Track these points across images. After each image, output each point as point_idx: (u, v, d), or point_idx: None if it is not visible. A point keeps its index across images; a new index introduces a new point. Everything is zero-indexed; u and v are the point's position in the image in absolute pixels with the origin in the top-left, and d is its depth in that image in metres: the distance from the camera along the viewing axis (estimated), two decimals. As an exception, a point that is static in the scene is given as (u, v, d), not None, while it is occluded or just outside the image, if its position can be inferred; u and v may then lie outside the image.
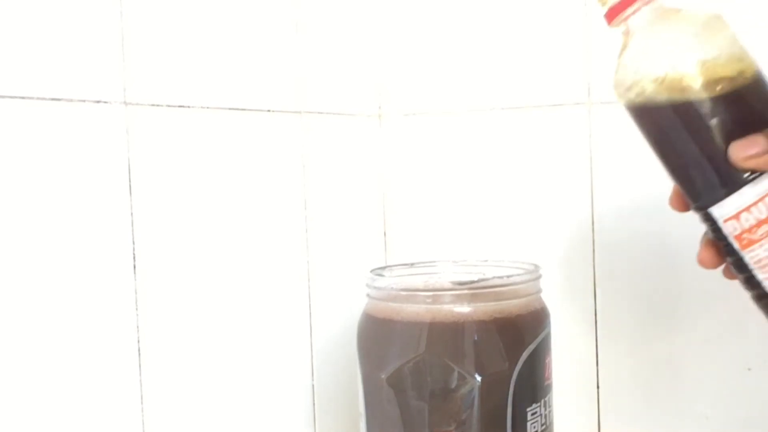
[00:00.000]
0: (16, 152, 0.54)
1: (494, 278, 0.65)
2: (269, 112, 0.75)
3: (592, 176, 0.82)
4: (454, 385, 0.62)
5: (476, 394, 0.62)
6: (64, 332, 0.57)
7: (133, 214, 0.62)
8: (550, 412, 0.66)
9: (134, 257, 0.62)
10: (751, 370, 0.77)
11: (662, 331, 0.81)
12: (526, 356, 0.63)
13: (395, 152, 0.91)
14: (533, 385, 0.64)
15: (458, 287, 0.64)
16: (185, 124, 0.67)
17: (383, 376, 0.64)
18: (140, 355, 0.63)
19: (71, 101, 0.58)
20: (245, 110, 0.73)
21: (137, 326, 0.63)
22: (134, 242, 0.62)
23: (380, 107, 0.91)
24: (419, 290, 0.65)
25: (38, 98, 0.56)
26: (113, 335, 0.61)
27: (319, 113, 0.81)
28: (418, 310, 0.64)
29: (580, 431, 0.84)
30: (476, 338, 0.63)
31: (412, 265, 0.74)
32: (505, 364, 0.62)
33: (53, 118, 0.57)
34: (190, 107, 0.67)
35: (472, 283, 0.65)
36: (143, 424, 0.63)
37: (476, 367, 0.62)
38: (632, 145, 0.57)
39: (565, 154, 0.83)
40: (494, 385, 0.62)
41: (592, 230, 0.82)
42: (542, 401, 0.65)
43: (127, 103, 0.62)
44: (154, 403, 0.64)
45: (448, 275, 0.72)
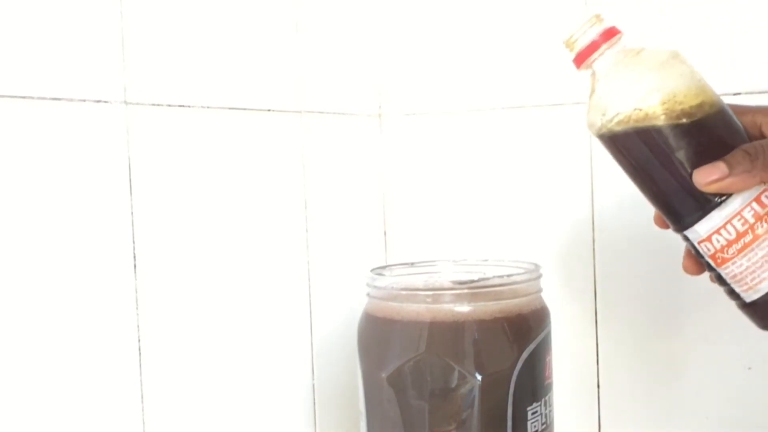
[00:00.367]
0: (16, 152, 0.54)
1: (494, 278, 0.66)
2: (269, 111, 0.75)
3: (592, 176, 0.82)
4: (454, 384, 0.62)
5: (476, 393, 0.62)
6: (64, 332, 0.57)
7: (133, 213, 0.62)
8: (550, 411, 0.66)
9: (134, 257, 0.62)
10: (751, 369, 0.77)
11: (662, 330, 0.81)
12: (526, 355, 0.63)
13: (395, 152, 0.91)
14: (533, 384, 0.64)
15: (458, 287, 0.64)
16: (185, 123, 0.67)
17: (383, 375, 0.64)
18: (140, 354, 0.63)
19: (72, 101, 0.58)
20: (245, 110, 0.73)
21: (137, 325, 0.63)
22: (134, 242, 0.62)
23: (380, 107, 0.91)
24: (419, 290, 0.65)
25: (39, 98, 0.56)
26: (114, 334, 0.61)
27: (319, 113, 0.81)
28: (418, 309, 0.64)
29: (580, 431, 0.84)
30: (476, 338, 0.63)
31: (412, 264, 0.74)
32: (505, 363, 0.62)
33: (54, 117, 0.57)
34: (190, 107, 0.67)
35: (472, 282, 0.65)
36: (143, 423, 0.63)
37: (476, 366, 0.62)
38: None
39: (565, 153, 0.83)
40: (494, 384, 0.62)
41: (592, 230, 0.82)
42: (542, 400, 0.65)
43: (127, 102, 0.62)
44: (154, 402, 0.64)
45: (448, 275, 0.72)
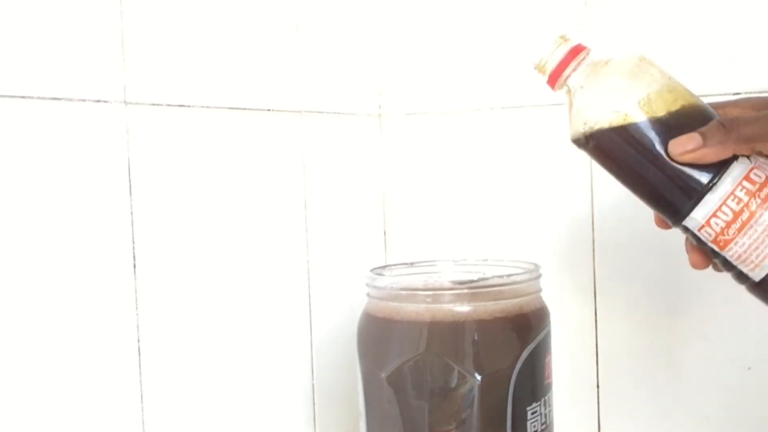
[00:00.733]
0: (16, 152, 0.54)
1: (494, 277, 0.66)
2: (269, 111, 0.75)
3: (591, 176, 0.82)
4: (454, 384, 0.62)
5: (476, 393, 0.62)
6: (64, 332, 0.57)
7: (133, 213, 0.62)
8: (550, 411, 0.66)
9: (134, 257, 0.62)
10: (751, 369, 0.77)
11: (662, 330, 0.81)
12: (526, 355, 0.63)
13: (395, 152, 0.91)
14: (533, 384, 0.64)
15: (458, 287, 0.64)
16: (185, 123, 0.67)
17: (383, 375, 0.64)
18: (140, 354, 0.63)
19: (71, 101, 0.58)
20: (245, 110, 0.73)
21: (137, 326, 0.63)
22: (134, 242, 0.62)
23: (380, 107, 0.91)
24: (419, 290, 0.65)
25: (38, 98, 0.56)
26: (113, 334, 0.61)
27: (319, 113, 0.81)
28: (418, 309, 0.64)
29: (580, 431, 0.84)
30: (476, 337, 0.63)
31: (412, 264, 0.74)
32: (505, 363, 0.62)
33: (53, 117, 0.57)
34: (190, 107, 0.67)
35: (471, 282, 0.65)
36: (143, 423, 0.63)
37: (476, 366, 0.62)
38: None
39: (565, 153, 0.82)
40: (494, 384, 0.62)
41: (592, 230, 0.82)
42: (542, 400, 0.65)
43: (127, 102, 0.62)
44: (154, 402, 0.64)
45: (448, 275, 0.72)
